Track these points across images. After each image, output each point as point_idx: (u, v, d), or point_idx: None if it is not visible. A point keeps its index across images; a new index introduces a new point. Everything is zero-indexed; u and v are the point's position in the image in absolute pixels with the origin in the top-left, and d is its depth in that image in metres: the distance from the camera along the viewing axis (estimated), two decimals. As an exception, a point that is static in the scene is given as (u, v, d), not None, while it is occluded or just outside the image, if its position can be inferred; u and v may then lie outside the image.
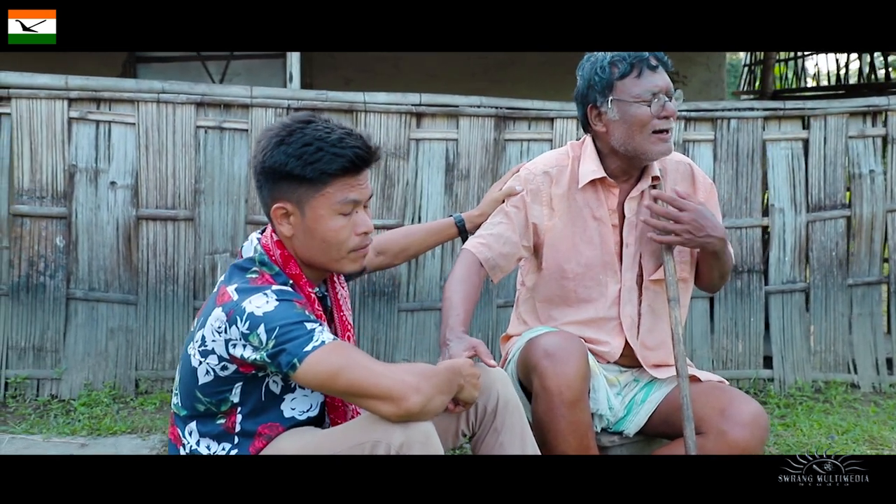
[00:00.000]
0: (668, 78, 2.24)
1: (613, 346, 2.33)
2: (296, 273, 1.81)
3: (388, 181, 4.02)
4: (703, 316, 4.27)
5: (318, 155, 1.72)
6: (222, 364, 1.71)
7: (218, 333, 1.69)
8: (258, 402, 1.75)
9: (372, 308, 4.04)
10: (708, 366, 4.24)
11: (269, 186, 1.79)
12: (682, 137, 4.19)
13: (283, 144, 1.75)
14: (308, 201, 1.76)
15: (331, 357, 1.62)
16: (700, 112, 4.24)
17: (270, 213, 1.81)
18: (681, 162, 2.38)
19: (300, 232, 1.79)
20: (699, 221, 2.18)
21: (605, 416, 2.27)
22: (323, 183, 1.75)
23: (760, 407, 2.16)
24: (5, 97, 3.79)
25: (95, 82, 3.84)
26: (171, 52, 7.17)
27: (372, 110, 3.98)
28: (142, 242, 3.90)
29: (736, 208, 4.26)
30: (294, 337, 1.63)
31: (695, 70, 7.81)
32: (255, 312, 1.65)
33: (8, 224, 3.86)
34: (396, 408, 1.61)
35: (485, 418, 1.96)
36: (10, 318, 3.88)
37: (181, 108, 3.86)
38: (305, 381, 1.65)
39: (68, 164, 3.84)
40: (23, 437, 3.22)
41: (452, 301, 2.19)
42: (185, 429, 1.79)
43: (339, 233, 1.79)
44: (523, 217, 2.36)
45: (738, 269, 4.25)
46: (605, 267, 2.32)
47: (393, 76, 7.19)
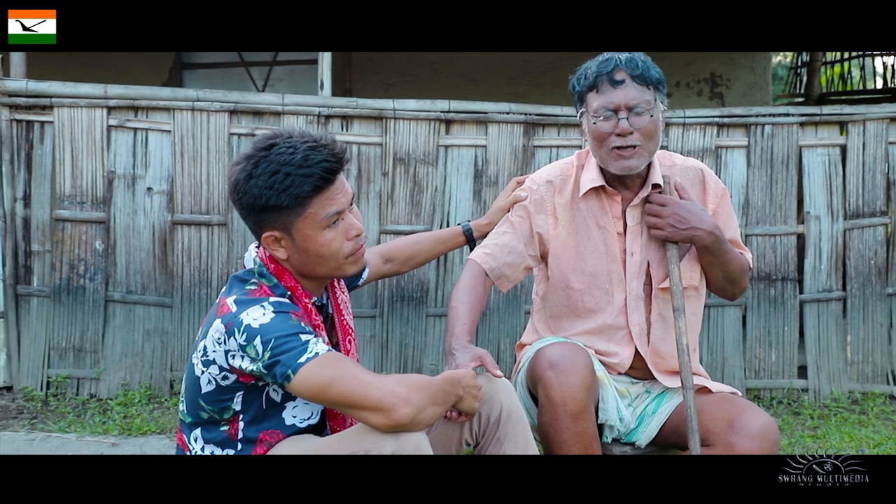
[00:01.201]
0: (636, 92, 2.15)
1: (623, 356, 2.32)
2: (291, 285, 1.84)
3: (417, 187, 4.05)
4: (735, 324, 4.21)
5: (288, 181, 1.72)
6: (223, 374, 1.75)
7: (218, 344, 1.74)
8: (259, 410, 1.80)
9: (400, 313, 4.08)
10: (740, 375, 4.19)
11: (253, 219, 1.81)
12: (714, 143, 4.15)
13: (253, 178, 1.75)
14: (293, 225, 1.78)
15: (323, 368, 1.65)
16: (733, 118, 4.18)
17: (263, 241, 1.84)
18: (690, 167, 2.34)
19: (294, 253, 1.82)
20: (680, 214, 2.17)
21: (615, 426, 2.26)
22: (301, 206, 1.76)
23: (771, 419, 2.14)
24: (48, 106, 3.92)
25: (133, 91, 3.95)
26: (216, 59, 7.33)
27: (401, 117, 4.02)
28: (177, 247, 4.00)
29: (770, 215, 4.19)
30: (288, 349, 1.66)
31: (738, 73, 7.69)
32: (251, 324, 1.68)
33: (50, 228, 3.99)
34: (386, 418, 1.64)
35: (488, 428, 1.98)
36: (52, 319, 4.01)
37: (215, 116, 3.95)
38: (299, 392, 1.68)
39: (107, 170, 3.96)
40: (58, 435, 3.33)
41: (458, 311, 2.21)
42: (190, 435, 1.84)
43: (332, 245, 1.81)
44: (528, 226, 2.37)
45: (772, 276, 4.19)
46: (610, 276, 2.31)
47: (431, 81, 7.23)
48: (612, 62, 2.18)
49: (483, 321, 4.11)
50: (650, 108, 2.16)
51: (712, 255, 2.24)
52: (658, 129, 2.20)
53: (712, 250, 2.22)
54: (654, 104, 2.18)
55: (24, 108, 3.92)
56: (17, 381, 4.02)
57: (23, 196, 3.97)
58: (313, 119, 3.98)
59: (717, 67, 7.65)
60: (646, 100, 2.16)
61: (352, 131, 4.04)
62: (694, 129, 4.13)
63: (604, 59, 2.20)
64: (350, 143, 4.03)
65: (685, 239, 2.20)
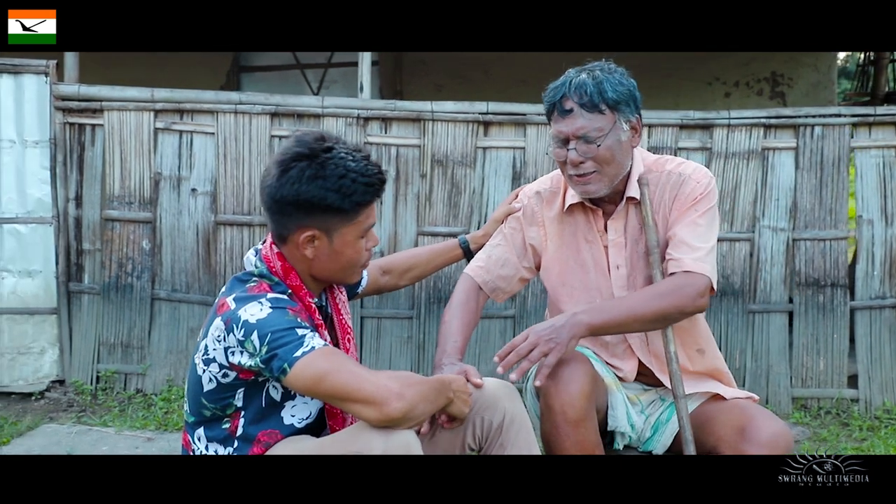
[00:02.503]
0: (584, 121, 2.04)
1: (626, 369, 2.27)
2: (296, 284, 1.87)
3: (455, 189, 4.05)
4: (780, 331, 4.09)
5: (354, 187, 1.79)
6: (223, 371, 1.78)
7: (218, 342, 1.77)
8: (259, 408, 1.82)
9: (437, 314, 4.09)
10: (785, 383, 4.07)
11: (298, 216, 1.81)
12: (761, 145, 4.04)
13: (320, 178, 1.77)
14: (339, 229, 1.83)
15: (318, 362, 1.67)
16: (781, 119, 4.06)
17: (292, 237, 1.84)
18: (672, 172, 2.20)
19: (323, 255, 1.85)
20: (539, 333, 1.99)
21: (626, 433, 2.22)
22: (356, 213, 1.83)
23: (784, 427, 2.06)
24: (98, 109, 4.05)
25: (179, 94, 4.05)
26: (272, 62, 7.47)
27: (439, 119, 4.03)
28: (220, 246, 4.09)
29: (819, 219, 4.06)
30: (285, 343, 1.69)
31: (801, 72, 7.45)
32: (249, 320, 1.71)
33: (100, 228, 4.12)
34: (378, 412, 1.65)
35: (491, 433, 1.97)
36: (101, 315, 4.15)
37: (257, 119, 4.02)
38: (294, 385, 1.71)
39: (154, 171, 4.08)
40: (98, 428, 3.44)
41: (450, 327, 2.21)
42: (194, 434, 1.88)
43: (361, 254, 1.89)
44: (521, 238, 2.35)
45: (821, 282, 4.06)
46: (600, 290, 2.25)
47: (482, 82, 7.21)
48: (560, 91, 2.09)
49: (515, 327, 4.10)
50: (602, 136, 2.05)
51: (609, 330, 2.08)
52: (616, 153, 2.08)
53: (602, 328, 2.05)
54: (612, 128, 2.06)
55: (76, 112, 4.06)
56: (68, 374, 4.17)
57: (75, 196, 4.12)
58: (353, 121, 4.02)
59: (778, 66, 7.42)
60: (597, 127, 2.04)
61: (391, 133, 4.07)
62: (739, 131, 4.03)
63: (555, 87, 2.11)
64: (389, 144, 4.06)
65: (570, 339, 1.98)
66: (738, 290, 4.08)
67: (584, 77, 2.09)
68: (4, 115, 4.06)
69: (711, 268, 2.09)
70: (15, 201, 4.10)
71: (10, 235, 4.11)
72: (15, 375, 4.16)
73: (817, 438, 3.70)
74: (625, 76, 2.14)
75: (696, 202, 2.15)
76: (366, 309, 4.12)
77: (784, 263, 4.09)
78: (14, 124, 4.07)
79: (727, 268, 4.08)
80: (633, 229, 2.22)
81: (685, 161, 2.25)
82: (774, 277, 4.09)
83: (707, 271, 2.08)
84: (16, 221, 4.10)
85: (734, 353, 4.10)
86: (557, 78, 2.14)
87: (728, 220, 4.07)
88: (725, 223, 4.08)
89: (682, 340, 2.24)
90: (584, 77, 2.09)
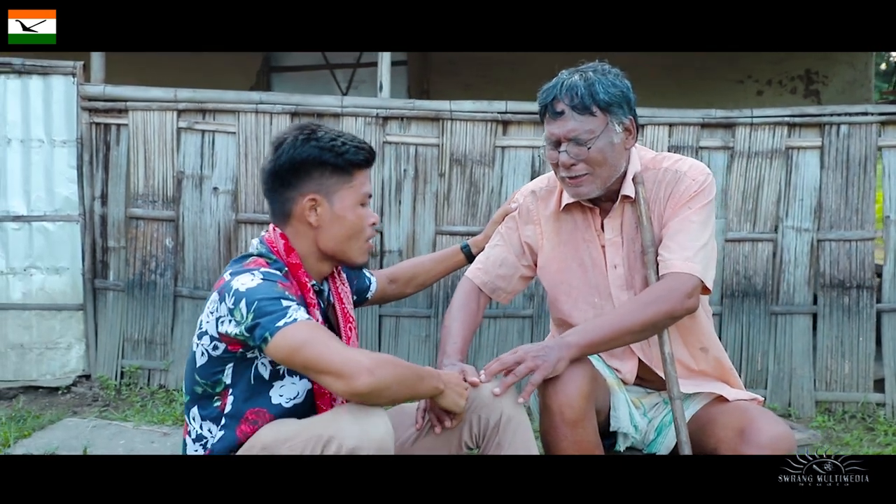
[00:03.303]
0: (575, 123, 2.02)
1: (626, 370, 2.25)
2: (295, 263, 1.91)
3: (474, 188, 4.05)
4: (804, 333, 4.02)
5: (346, 147, 1.88)
6: (213, 343, 1.82)
7: (211, 314, 1.82)
8: (248, 386, 1.85)
9: (455, 313, 4.08)
10: (809, 386, 4.00)
11: (298, 181, 1.88)
12: (784, 144, 3.97)
13: (313, 139, 1.87)
14: (337, 192, 1.90)
15: (297, 332, 1.70)
16: (805, 117, 4.00)
17: (296, 207, 1.89)
18: (668, 170, 2.16)
19: (327, 221, 1.91)
20: (530, 349, 1.97)
21: (629, 434, 2.20)
22: (350, 174, 1.91)
23: (786, 429, 2.02)
24: (123, 109, 4.12)
25: (201, 94, 4.11)
26: (302, 62, 7.52)
27: (458, 118, 4.03)
28: (241, 244, 4.13)
29: (845, 220, 3.98)
30: (269, 312, 1.72)
31: (837, 69, 7.31)
32: (239, 289, 1.76)
33: (125, 226, 4.20)
34: (346, 385, 1.67)
35: (488, 432, 1.97)
36: (125, 312, 4.22)
37: (277, 118, 4.06)
38: (273, 354, 1.74)
39: (177, 170, 4.14)
40: (117, 423, 3.50)
41: (451, 329, 2.22)
42: (190, 414, 1.92)
43: (362, 220, 1.94)
44: (517, 237, 2.34)
45: (846, 284, 3.98)
46: (598, 289, 2.23)
47: (510, 80, 7.16)
48: (552, 92, 2.07)
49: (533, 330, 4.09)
50: (593, 138, 2.03)
51: (600, 347, 2.05)
52: (608, 155, 2.06)
53: (592, 346, 2.01)
54: (604, 130, 2.04)
55: (101, 112, 4.14)
56: (94, 370, 4.25)
57: (100, 195, 4.19)
58: (371, 120, 4.04)
59: (812, 64, 7.28)
60: (588, 129, 2.02)
61: (409, 132, 4.08)
62: (762, 130, 3.97)
63: (547, 88, 2.09)
64: (408, 144, 4.07)
65: (558, 360, 1.94)
66: (760, 291, 4.02)
67: (575, 79, 2.06)
68: (34, 115, 4.16)
69: (703, 266, 2.06)
70: (43, 199, 4.19)
71: (38, 233, 4.20)
72: (43, 370, 4.25)
73: (840, 443, 3.63)
74: (619, 77, 2.11)
75: (691, 199, 2.11)
76: (384, 308, 4.13)
77: (808, 264, 4.02)
78: (43, 124, 4.17)
79: (749, 268, 4.02)
80: (629, 228, 2.19)
81: (682, 158, 2.21)
82: (798, 279, 4.02)
83: (696, 271, 2.04)
84: (44, 219, 4.20)
85: (756, 356, 4.04)
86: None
87: (750, 221, 4.02)
88: (748, 223, 4.02)
89: (685, 339, 2.22)
90: (575, 79, 2.06)
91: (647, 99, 4.59)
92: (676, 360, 2.23)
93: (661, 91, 6.67)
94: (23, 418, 3.58)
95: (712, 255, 2.11)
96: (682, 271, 2.04)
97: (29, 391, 4.16)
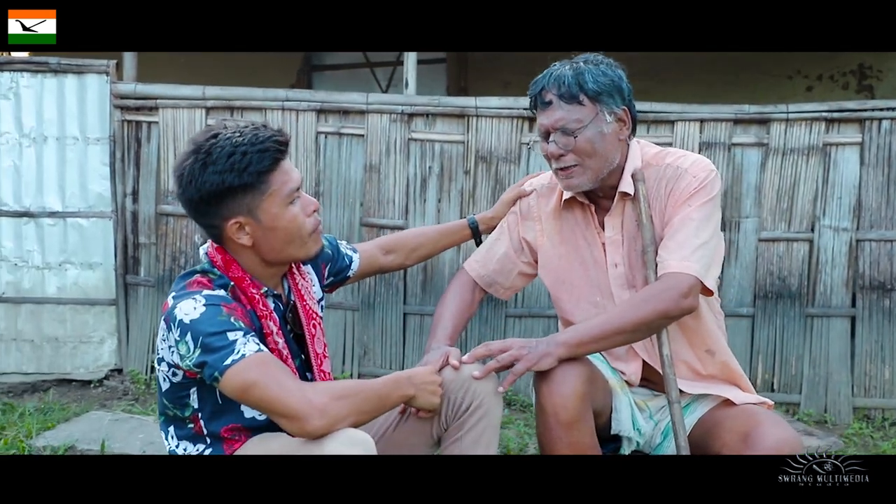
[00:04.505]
0: (562, 112, 1.98)
1: (630, 371, 2.18)
2: (238, 276, 1.82)
3: (499, 186, 3.99)
4: (841, 337, 3.87)
5: (246, 160, 1.70)
6: (171, 370, 1.77)
7: (163, 341, 1.76)
8: (216, 405, 1.80)
9: (479, 312, 4.04)
10: (846, 392, 3.85)
11: (214, 209, 1.76)
12: (822, 140, 3.83)
13: (209, 165, 1.71)
14: (258, 206, 1.75)
15: (246, 371, 1.64)
16: (844, 112, 3.85)
17: (224, 232, 1.79)
18: (670, 166, 2.09)
19: (260, 237, 1.79)
20: (519, 340, 1.96)
21: (633, 438, 2.14)
22: (264, 183, 1.73)
23: (792, 434, 1.92)
24: (154, 107, 4.18)
25: (228, 92, 4.13)
26: (343, 61, 7.56)
27: (483, 115, 3.98)
28: (267, 241, 4.14)
29: (886, 219, 3.82)
30: (215, 348, 1.65)
31: (891, 63, 7.03)
32: (183, 319, 1.68)
33: (155, 222, 4.25)
34: (298, 428, 1.63)
35: (457, 414, 1.94)
36: (156, 307, 4.27)
37: (303, 115, 4.06)
38: (225, 392, 1.68)
39: (205, 167, 4.16)
40: (138, 417, 3.55)
41: (441, 315, 2.20)
42: (167, 433, 1.88)
43: (297, 220, 1.78)
44: (517, 233, 2.30)
45: (886, 286, 3.83)
46: (599, 288, 2.17)
47: (550, 78, 7.10)
48: (539, 84, 2.04)
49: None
50: (582, 127, 1.98)
51: (590, 347, 1.97)
52: (597, 145, 2.01)
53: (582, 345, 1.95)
54: (592, 120, 1.99)
55: (133, 110, 4.19)
56: (125, 364, 4.32)
57: (132, 192, 4.25)
58: (397, 117, 4.02)
59: (866, 58, 7.03)
60: (575, 118, 1.98)
61: (435, 129, 4.04)
62: (798, 125, 3.84)
63: (536, 80, 2.06)
64: (433, 141, 4.04)
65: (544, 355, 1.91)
66: (795, 292, 3.89)
67: (565, 69, 2.03)
68: (69, 113, 4.24)
69: (701, 265, 1.97)
70: (77, 196, 4.27)
71: (72, 229, 4.28)
72: (77, 363, 4.34)
73: (877, 451, 3.48)
74: (610, 67, 2.05)
75: (691, 197, 2.03)
76: (409, 305, 4.11)
77: (846, 265, 3.87)
78: (77, 122, 4.25)
79: (784, 269, 3.89)
80: (630, 226, 2.13)
81: (686, 153, 2.13)
82: (835, 280, 3.87)
83: (693, 270, 1.96)
84: (78, 215, 4.28)
85: (790, 359, 3.91)
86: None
87: (785, 220, 3.88)
88: (783, 222, 3.89)
89: (690, 341, 2.14)
90: (565, 69, 2.03)
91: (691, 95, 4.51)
92: (683, 362, 2.16)
93: (705, 87, 6.54)
94: (50, 410, 3.65)
95: (714, 253, 2.03)
96: (678, 271, 1.96)
97: (62, 384, 4.25)
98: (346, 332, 4.18)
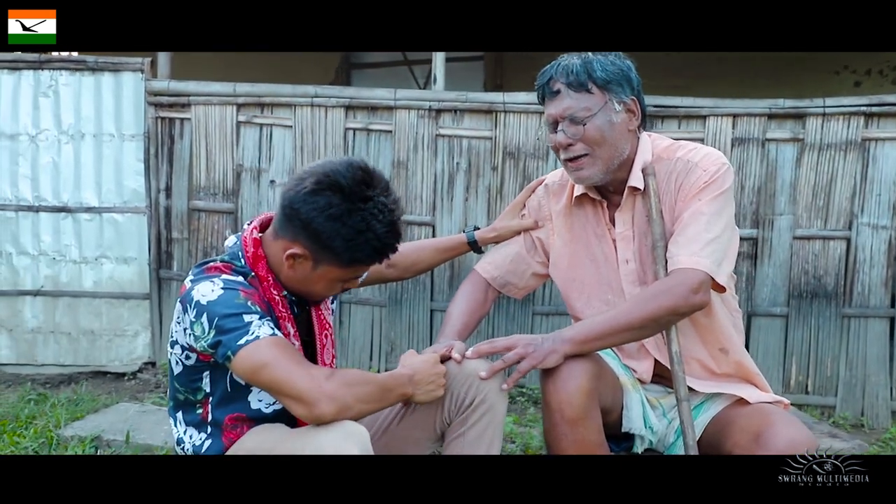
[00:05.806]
0: (570, 101, 1.95)
1: (642, 369, 2.13)
2: (262, 274, 1.82)
3: (527, 182, 3.95)
4: (880, 338, 3.75)
5: (365, 249, 1.73)
6: (185, 353, 1.78)
7: (178, 324, 1.77)
8: (225, 393, 1.81)
9: (506, 310, 4.01)
10: (884, 394, 3.73)
11: (302, 234, 1.74)
12: (860, 135, 3.72)
13: (338, 221, 1.70)
14: (327, 265, 1.77)
15: (259, 352, 1.64)
16: (885, 106, 3.73)
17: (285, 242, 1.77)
18: (681, 160, 2.04)
19: (299, 274, 1.79)
20: (524, 338, 1.92)
21: (645, 436, 2.09)
22: (351, 266, 1.78)
23: (805, 434, 1.86)
24: (186, 104, 4.23)
25: (258, 88, 4.17)
26: (381, 59, 7.57)
27: (511, 110, 3.95)
28: (296, 237, 4.16)
29: (928, 216, 3.70)
30: (230, 329, 1.66)
31: (943, 58, 6.82)
32: (200, 301, 1.69)
33: (188, 217, 4.31)
34: (307, 411, 1.62)
35: (461, 409, 1.93)
36: (188, 301, 4.32)
37: (332, 111, 4.08)
38: (237, 372, 1.69)
39: (236, 163, 4.21)
40: (165, 409, 3.59)
41: (451, 314, 2.20)
42: (175, 419, 1.89)
43: (333, 291, 1.86)
44: (530, 232, 2.27)
45: (928, 286, 3.70)
46: (610, 286, 2.12)
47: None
48: (547, 73, 2.01)
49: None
50: (589, 115, 1.95)
51: (596, 344, 1.93)
52: (607, 134, 1.97)
53: (588, 342, 1.90)
54: (601, 108, 1.96)
55: (166, 107, 4.26)
56: (158, 357, 4.38)
57: (165, 187, 4.32)
58: (424, 113, 4.01)
59: (913, 51, 6.81)
60: (584, 107, 1.95)
61: (462, 125, 4.02)
62: (836, 120, 3.73)
63: (544, 70, 2.02)
64: (460, 136, 4.02)
65: (550, 352, 1.87)
66: (831, 292, 3.78)
67: (573, 59, 2.00)
68: (105, 110, 4.33)
69: (712, 260, 1.91)
70: (113, 192, 4.35)
71: (108, 224, 4.37)
72: (112, 356, 4.42)
73: (914, 457, 3.37)
74: (619, 57, 2.02)
75: (701, 190, 1.97)
76: (436, 302, 4.10)
77: (885, 264, 3.75)
78: (113, 119, 4.33)
79: (819, 268, 3.78)
80: (640, 222, 2.08)
81: (697, 146, 2.07)
82: (874, 279, 3.75)
83: (703, 265, 1.90)
84: (114, 210, 4.36)
85: (825, 360, 3.80)
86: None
87: (821, 217, 3.78)
88: (818, 220, 3.78)
89: (704, 339, 2.09)
90: (573, 59, 2.00)
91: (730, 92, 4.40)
92: (696, 360, 2.11)
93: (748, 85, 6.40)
94: (81, 401, 3.72)
95: (727, 248, 1.97)
96: (687, 266, 1.91)
97: (98, 376, 4.33)
98: (373, 328, 4.19)
